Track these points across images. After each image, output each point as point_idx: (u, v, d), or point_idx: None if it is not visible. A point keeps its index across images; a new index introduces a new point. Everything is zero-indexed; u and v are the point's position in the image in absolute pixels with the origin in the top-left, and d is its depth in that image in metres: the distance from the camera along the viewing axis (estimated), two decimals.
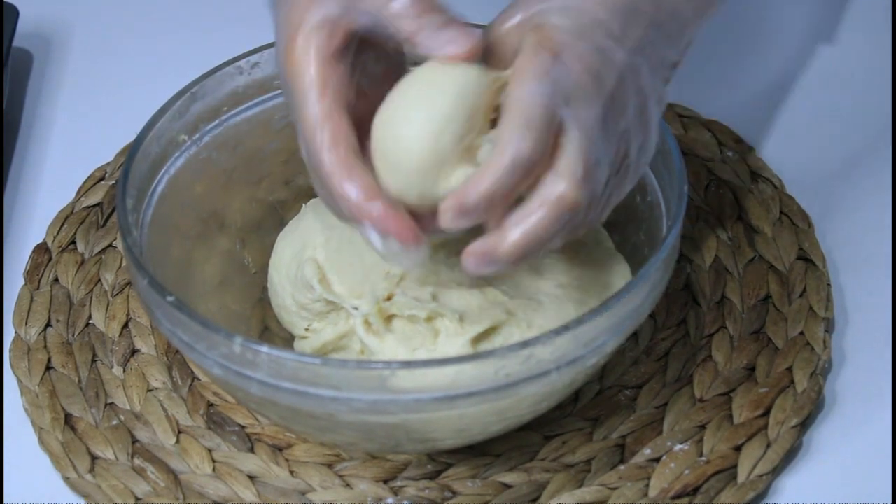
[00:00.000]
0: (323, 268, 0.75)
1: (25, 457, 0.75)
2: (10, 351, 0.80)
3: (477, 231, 0.65)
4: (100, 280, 0.84)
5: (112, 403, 0.77)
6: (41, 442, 0.76)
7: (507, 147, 0.62)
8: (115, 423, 0.76)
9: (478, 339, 0.72)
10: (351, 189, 0.64)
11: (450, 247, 0.73)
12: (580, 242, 0.76)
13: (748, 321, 0.80)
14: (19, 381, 0.78)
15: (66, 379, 0.78)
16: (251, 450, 0.75)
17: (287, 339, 0.78)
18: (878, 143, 0.92)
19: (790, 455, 0.74)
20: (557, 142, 0.63)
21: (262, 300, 0.80)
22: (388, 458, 0.74)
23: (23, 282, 0.84)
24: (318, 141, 0.65)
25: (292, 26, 0.66)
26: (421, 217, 0.66)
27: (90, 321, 0.81)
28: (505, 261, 0.64)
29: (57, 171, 0.92)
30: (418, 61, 0.67)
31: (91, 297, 0.83)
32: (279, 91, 0.79)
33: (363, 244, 0.74)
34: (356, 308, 0.74)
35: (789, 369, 0.77)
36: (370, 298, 0.73)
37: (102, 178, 0.90)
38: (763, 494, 0.73)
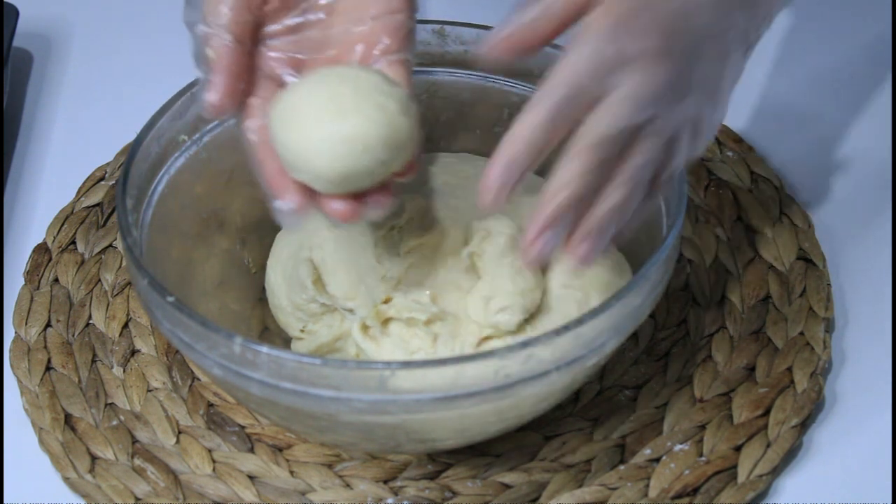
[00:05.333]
0: (319, 268, 0.75)
1: (25, 457, 0.75)
2: (10, 351, 0.80)
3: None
4: (100, 280, 0.84)
5: (112, 403, 0.77)
6: (41, 442, 0.76)
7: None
8: (115, 423, 0.76)
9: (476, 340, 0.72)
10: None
11: (446, 248, 0.73)
12: None
13: (748, 321, 0.80)
14: (19, 381, 0.78)
15: (66, 379, 0.78)
16: (251, 450, 0.75)
17: (287, 340, 0.78)
18: (878, 143, 0.92)
19: (790, 455, 0.74)
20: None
21: (262, 300, 0.80)
22: (388, 458, 0.74)
23: (23, 282, 0.84)
24: None
25: None
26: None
27: (90, 321, 0.81)
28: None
29: (57, 171, 0.92)
30: None
31: (91, 297, 0.83)
32: None
33: (360, 246, 0.74)
34: (350, 310, 0.74)
35: (789, 369, 0.77)
36: (366, 301, 0.73)
37: (102, 178, 0.90)
38: (763, 494, 0.73)
